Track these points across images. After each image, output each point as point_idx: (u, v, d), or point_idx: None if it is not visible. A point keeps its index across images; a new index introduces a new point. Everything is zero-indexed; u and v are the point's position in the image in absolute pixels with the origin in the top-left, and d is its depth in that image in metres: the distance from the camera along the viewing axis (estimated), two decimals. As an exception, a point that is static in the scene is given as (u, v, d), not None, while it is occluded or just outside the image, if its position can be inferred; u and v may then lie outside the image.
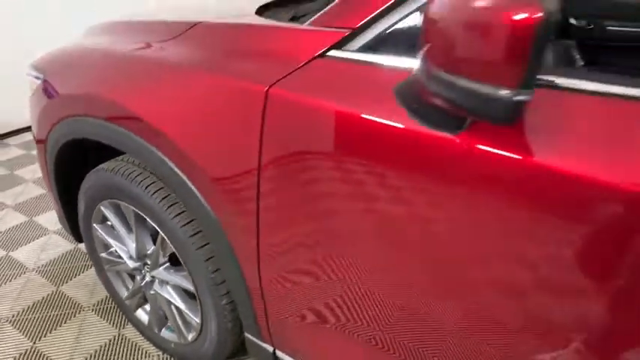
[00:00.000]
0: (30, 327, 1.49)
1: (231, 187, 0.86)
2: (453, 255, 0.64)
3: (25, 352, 1.40)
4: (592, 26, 1.78)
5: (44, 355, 1.39)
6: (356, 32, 0.69)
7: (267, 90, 0.74)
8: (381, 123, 0.63)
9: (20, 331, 1.47)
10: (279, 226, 0.83)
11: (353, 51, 0.70)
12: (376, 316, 0.79)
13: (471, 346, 0.68)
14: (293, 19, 0.99)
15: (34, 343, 1.44)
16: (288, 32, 0.80)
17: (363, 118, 0.65)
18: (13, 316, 1.54)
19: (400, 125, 0.61)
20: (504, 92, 0.43)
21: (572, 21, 1.86)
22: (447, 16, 0.43)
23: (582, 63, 0.91)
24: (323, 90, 0.70)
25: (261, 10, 1.04)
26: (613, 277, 0.52)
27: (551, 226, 0.53)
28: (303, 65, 0.73)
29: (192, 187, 0.95)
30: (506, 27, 0.40)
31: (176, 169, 0.95)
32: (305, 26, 0.78)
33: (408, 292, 0.71)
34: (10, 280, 1.71)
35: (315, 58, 0.73)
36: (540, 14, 0.38)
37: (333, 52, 0.72)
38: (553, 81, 0.56)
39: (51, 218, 2.09)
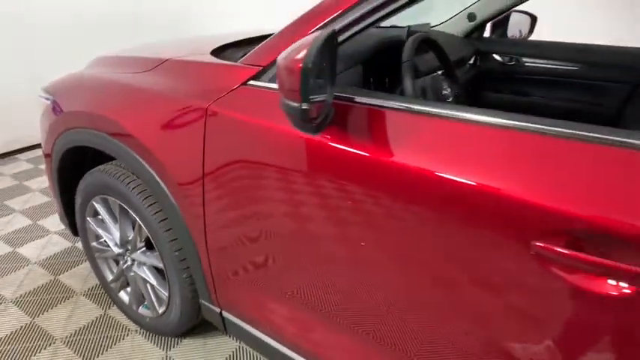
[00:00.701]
0: (30, 307, 1.77)
1: (187, 183, 1.16)
2: (322, 231, 0.94)
3: (25, 326, 1.67)
4: (513, 62, 2.13)
5: (41, 328, 1.66)
6: (266, 68, 1.01)
7: (207, 107, 1.05)
8: (277, 129, 0.94)
9: (22, 310, 1.75)
10: (218, 213, 1.13)
11: (264, 81, 1.01)
12: (294, 279, 1.07)
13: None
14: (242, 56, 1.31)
15: (33, 319, 1.71)
16: (226, 67, 1.12)
17: (269, 126, 0.95)
18: (16, 298, 1.81)
19: (288, 130, 0.92)
20: (297, 104, 0.74)
21: (497, 57, 2.20)
22: (280, 64, 0.75)
23: (449, 91, 1.23)
24: (244, 107, 1.01)
25: (220, 50, 1.37)
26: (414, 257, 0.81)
27: (372, 205, 0.83)
28: (232, 90, 1.04)
29: (163, 186, 1.25)
30: (293, 70, 0.71)
31: (152, 172, 1.25)
32: (237, 63, 1.10)
33: (316, 263, 1.00)
34: (15, 271, 1.99)
35: (240, 85, 1.04)
36: (303, 64, 0.70)
37: (252, 82, 1.03)
38: (353, 98, 0.87)
39: (53, 221, 2.38)
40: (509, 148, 0.73)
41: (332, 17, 0.90)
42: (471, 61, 2.02)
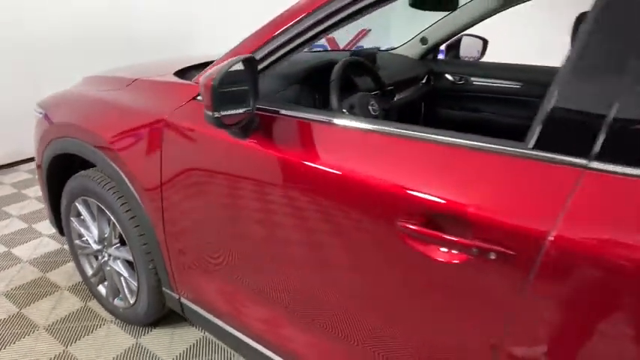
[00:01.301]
0: (19, 299, 1.95)
1: (150, 188, 1.36)
2: (254, 225, 1.12)
3: (13, 315, 1.85)
4: (463, 81, 2.34)
5: (27, 317, 1.85)
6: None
7: (164, 118, 1.26)
8: (216, 136, 1.13)
9: (11, 301, 1.94)
10: (173, 211, 1.33)
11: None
12: (236, 267, 1.25)
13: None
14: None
15: (20, 309, 1.89)
16: (182, 85, 1.33)
17: (210, 134, 1.15)
18: (7, 291, 2.00)
19: (223, 137, 1.12)
20: (210, 113, 0.94)
21: (450, 77, 2.41)
22: (200, 83, 0.95)
23: (376, 107, 1.42)
24: (190, 118, 1.21)
25: (183, 71, 1.58)
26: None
27: (298, 200, 1.02)
28: (183, 104, 1.25)
29: (132, 190, 1.44)
30: (207, 87, 0.91)
31: (124, 177, 1.45)
32: (191, 82, 1.31)
33: (252, 252, 1.18)
34: (8, 268, 2.18)
35: (190, 100, 1.24)
36: (212, 82, 0.91)
37: (199, 97, 1.23)
38: (279, 110, 1.07)
39: (46, 225, 2.58)
40: (392, 151, 0.92)
41: (258, 45, 1.11)
42: (424, 80, 2.22)
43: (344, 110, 1.33)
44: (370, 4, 0.96)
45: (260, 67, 1.12)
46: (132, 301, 1.71)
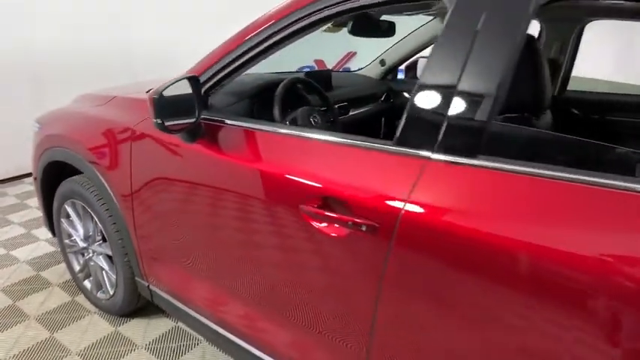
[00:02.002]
0: (14, 294, 2.17)
1: (122, 188, 1.59)
2: (205, 218, 1.34)
3: (7, 307, 2.07)
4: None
5: (19, 309, 2.06)
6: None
7: (132, 127, 1.50)
8: (170, 141, 1.37)
9: (7, 295, 2.16)
10: (140, 209, 1.55)
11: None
12: (192, 256, 1.47)
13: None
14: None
15: (14, 302, 2.11)
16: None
17: (168, 141, 1.38)
18: (3, 288, 2.22)
19: (177, 142, 1.35)
20: (154, 120, 1.18)
21: (407, 95, 2.62)
22: (147, 97, 1.19)
23: (317, 119, 1.64)
24: (152, 128, 1.44)
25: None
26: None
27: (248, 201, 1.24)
28: (147, 117, 1.48)
29: (111, 193, 1.67)
30: (150, 99, 1.15)
31: (104, 182, 1.68)
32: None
33: (205, 243, 1.40)
34: (6, 267, 2.41)
35: (155, 113, 1.49)
36: (153, 96, 1.15)
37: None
38: (224, 120, 1.30)
39: (43, 231, 2.82)
40: (304, 151, 1.14)
41: (206, 67, 1.34)
42: (383, 98, 2.45)
43: (287, 122, 1.56)
44: (286, 36, 1.19)
45: (210, 84, 1.35)
46: (112, 292, 1.92)
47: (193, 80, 1.24)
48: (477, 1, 0.91)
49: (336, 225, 1.03)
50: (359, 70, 2.66)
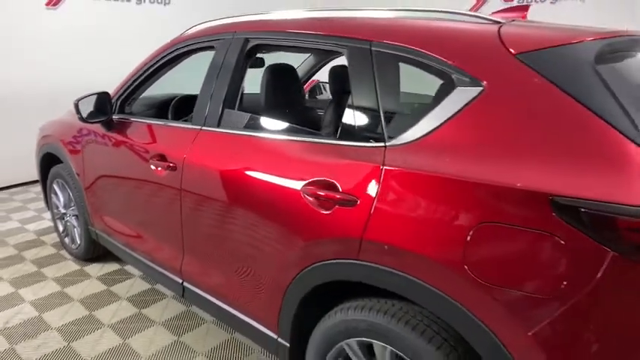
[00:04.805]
0: (19, 281, 3.07)
1: (78, 166, 2.50)
2: (125, 182, 2.23)
3: (8, 294, 2.87)
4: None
5: (19, 294, 2.94)
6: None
7: (85, 126, 2.42)
8: (100, 130, 2.27)
9: (14, 286, 3.09)
10: (87, 179, 2.45)
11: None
12: (121, 209, 2.34)
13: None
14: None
15: (17, 289, 3.01)
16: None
17: (100, 133, 2.29)
18: (7, 277, 3.13)
19: (102, 132, 2.25)
20: (78, 116, 2.07)
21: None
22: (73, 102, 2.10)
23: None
24: (95, 126, 2.36)
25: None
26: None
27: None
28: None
29: (74, 171, 2.59)
30: (74, 103, 2.05)
31: (71, 167, 2.60)
32: (100, 107, 2.48)
33: (128, 199, 2.28)
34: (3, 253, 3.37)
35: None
36: (75, 102, 2.07)
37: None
38: (129, 118, 2.19)
39: (36, 226, 3.76)
40: (167, 134, 2.00)
41: (121, 85, 2.25)
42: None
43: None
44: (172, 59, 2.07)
45: (124, 95, 2.25)
46: (79, 242, 2.82)
47: (105, 94, 2.14)
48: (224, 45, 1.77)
49: (164, 169, 1.87)
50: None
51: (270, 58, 2.43)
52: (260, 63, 2.61)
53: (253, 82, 2.04)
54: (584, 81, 1.01)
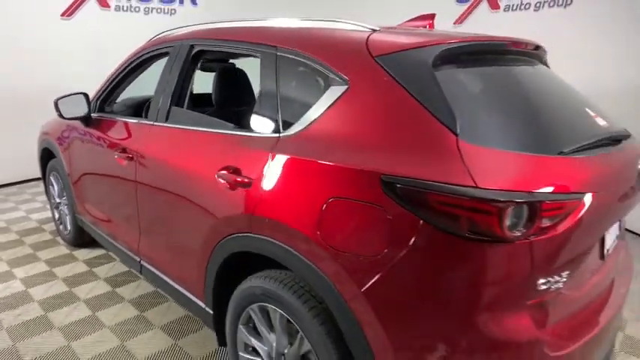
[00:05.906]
0: (14, 261, 3.37)
1: (66, 161, 2.80)
2: (105, 175, 2.51)
3: (2, 272, 3.30)
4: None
5: (12, 272, 3.29)
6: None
7: (72, 124, 2.72)
8: (81, 128, 2.55)
9: (9, 265, 3.42)
10: (73, 170, 2.75)
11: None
12: (100, 198, 2.62)
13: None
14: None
15: (11, 268, 3.36)
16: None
17: (82, 129, 2.57)
18: (5, 258, 3.47)
19: (84, 129, 2.53)
20: (57, 113, 2.35)
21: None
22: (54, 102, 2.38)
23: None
24: (80, 124, 2.64)
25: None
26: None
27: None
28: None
29: (63, 163, 2.89)
30: (54, 102, 2.33)
31: (62, 160, 2.91)
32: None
33: (106, 188, 2.56)
34: (5, 239, 3.71)
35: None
36: (55, 100, 2.36)
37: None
38: (104, 116, 2.46)
39: (40, 216, 4.11)
40: (134, 129, 2.26)
41: (100, 87, 2.53)
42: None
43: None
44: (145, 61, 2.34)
45: (103, 95, 2.53)
46: (69, 229, 3.12)
47: (84, 95, 2.43)
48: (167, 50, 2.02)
49: (124, 159, 2.12)
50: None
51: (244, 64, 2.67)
52: (212, 67, 2.85)
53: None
54: (419, 80, 1.19)
